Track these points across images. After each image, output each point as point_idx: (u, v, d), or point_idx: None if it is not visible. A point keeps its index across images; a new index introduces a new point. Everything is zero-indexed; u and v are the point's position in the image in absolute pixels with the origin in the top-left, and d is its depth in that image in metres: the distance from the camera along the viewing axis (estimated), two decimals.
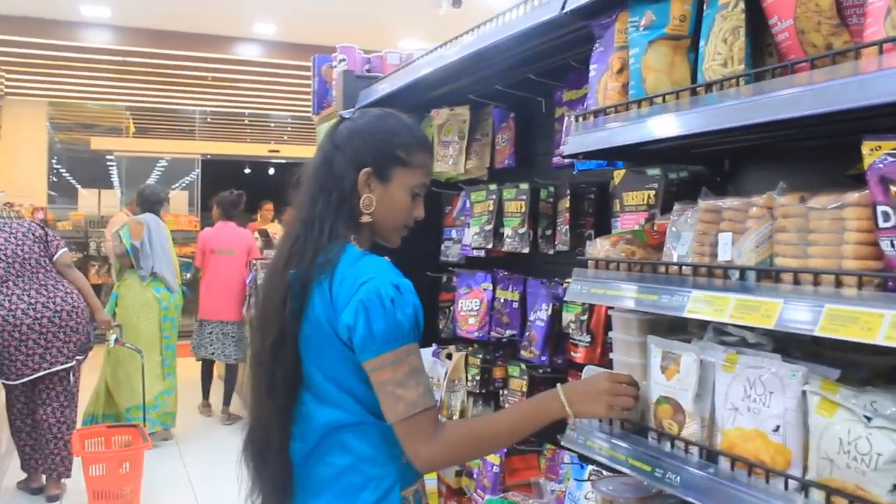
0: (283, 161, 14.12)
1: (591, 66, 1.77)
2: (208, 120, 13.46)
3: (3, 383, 4.36)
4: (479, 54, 2.35)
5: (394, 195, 1.57)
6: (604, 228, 2.39)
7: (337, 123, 1.61)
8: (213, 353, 6.32)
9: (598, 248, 1.71)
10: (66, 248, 4.71)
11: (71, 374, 4.53)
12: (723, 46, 1.37)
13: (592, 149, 1.67)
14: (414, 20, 7.46)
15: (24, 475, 4.67)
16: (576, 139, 1.71)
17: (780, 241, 1.29)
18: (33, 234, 4.52)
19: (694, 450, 1.44)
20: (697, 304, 1.37)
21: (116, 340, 4.94)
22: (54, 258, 4.57)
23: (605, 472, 2.29)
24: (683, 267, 1.48)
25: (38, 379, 4.38)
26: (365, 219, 1.55)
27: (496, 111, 2.95)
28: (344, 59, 3.36)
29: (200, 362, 6.53)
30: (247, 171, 14.46)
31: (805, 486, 1.22)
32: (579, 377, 2.48)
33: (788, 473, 1.25)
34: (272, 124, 14.37)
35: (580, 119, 1.72)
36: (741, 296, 1.30)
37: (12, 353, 4.26)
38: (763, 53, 1.41)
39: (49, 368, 4.36)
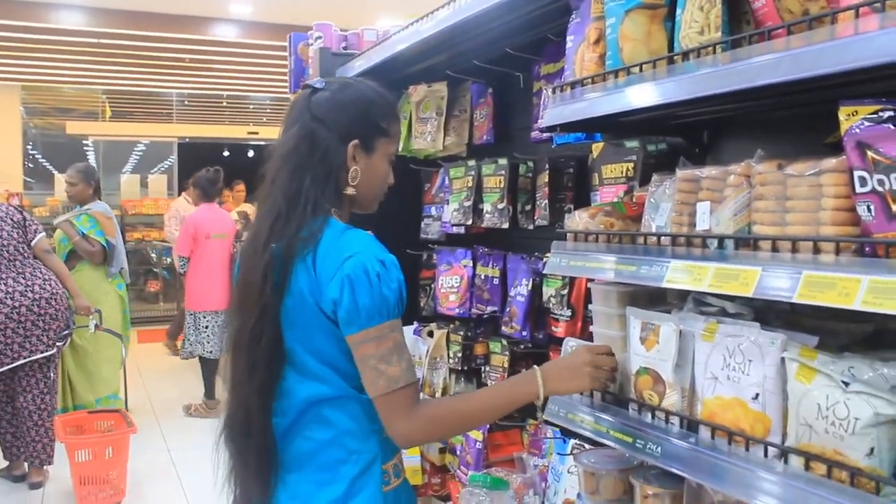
0: (263, 143, 14.02)
1: (568, 38, 1.75)
2: (185, 102, 13.31)
3: None
4: (456, 28, 2.32)
5: (377, 165, 1.58)
6: (583, 202, 2.38)
7: (309, 94, 1.57)
8: (211, 352, 5.84)
9: (577, 220, 1.70)
10: (43, 233, 4.64)
11: (51, 362, 4.48)
12: (699, 14, 1.36)
13: (570, 120, 1.65)
14: None
15: (5, 463, 4.64)
16: (553, 111, 1.70)
17: (757, 209, 1.29)
18: (11, 220, 4.45)
19: (674, 420, 1.44)
20: (676, 274, 1.37)
21: (97, 326, 4.88)
22: (32, 243, 4.51)
23: (587, 446, 2.30)
24: (662, 237, 1.47)
25: (17, 367, 4.33)
26: (350, 191, 1.55)
27: (474, 87, 2.93)
28: (320, 37, 3.32)
29: (197, 358, 6.02)
30: (225, 153, 14.35)
31: (784, 453, 1.23)
32: (559, 353, 2.50)
33: (768, 441, 1.26)
34: (251, 106, 14.24)
35: (557, 91, 1.70)
36: (720, 264, 1.30)
37: None
38: (740, 21, 1.40)
39: (28, 357, 4.31)
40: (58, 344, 4.49)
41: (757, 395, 1.28)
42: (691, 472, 1.35)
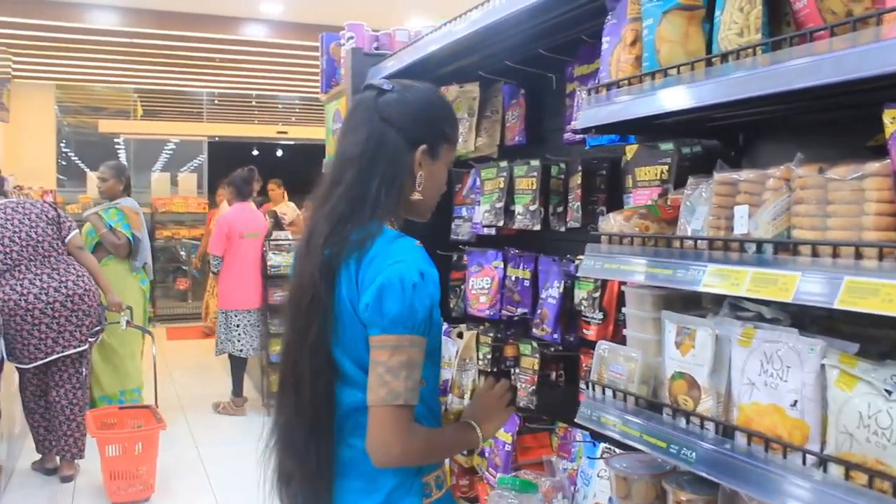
0: (292, 142, 14.12)
1: (604, 39, 1.74)
2: (216, 101, 13.44)
3: (16, 367, 4.39)
4: (489, 29, 2.32)
5: (439, 172, 1.58)
6: (616, 204, 2.36)
7: (376, 95, 1.55)
8: (241, 350, 5.92)
9: (612, 223, 1.69)
10: (77, 230, 4.72)
11: (83, 357, 4.55)
12: (739, 15, 1.34)
13: (605, 122, 1.64)
14: None
15: (38, 456, 4.72)
16: (588, 113, 1.69)
17: (797, 213, 1.27)
18: (46, 216, 4.52)
19: (709, 425, 1.43)
20: (713, 278, 1.35)
21: (128, 323, 4.94)
22: (66, 240, 4.58)
23: (617, 450, 2.29)
24: (698, 241, 1.46)
25: (50, 361, 4.40)
26: (416, 196, 1.53)
27: (506, 88, 2.92)
28: (352, 37, 3.33)
29: (227, 355, 6.08)
30: (255, 152, 14.46)
31: (823, 461, 1.21)
32: (590, 356, 2.49)
33: (806, 448, 1.24)
34: (280, 105, 14.34)
35: (592, 92, 1.69)
36: (758, 269, 1.28)
37: (25, 337, 4.28)
38: (780, 23, 1.38)
39: (62, 352, 4.39)
40: (90, 340, 4.56)
41: (795, 401, 1.26)
42: (727, 478, 1.33)
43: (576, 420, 1.76)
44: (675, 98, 1.46)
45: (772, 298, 1.24)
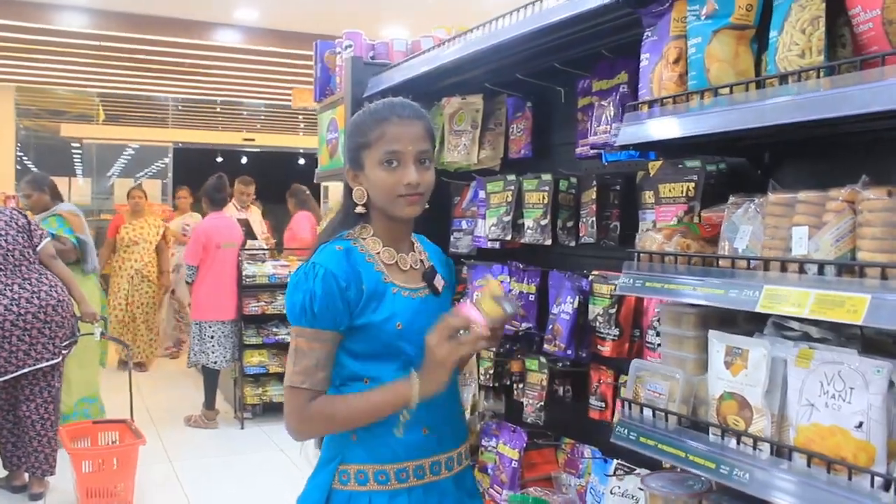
0: (258, 150, 13.95)
1: (643, 56, 1.73)
2: (180, 107, 13.21)
3: None
4: (504, 43, 2.31)
5: (370, 176, 1.68)
6: (630, 220, 2.37)
7: None
8: (215, 362, 5.79)
9: (652, 240, 1.68)
10: (49, 238, 4.56)
11: (55, 370, 4.39)
12: (801, 37, 1.34)
13: (647, 140, 1.63)
14: (399, 9, 7.37)
15: (5, 472, 4.54)
16: (628, 130, 1.68)
17: (863, 236, 1.27)
18: (16, 224, 4.36)
19: (763, 446, 1.42)
20: (772, 299, 1.35)
21: (102, 334, 4.80)
22: (38, 248, 4.42)
23: (637, 469, 2.27)
24: (753, 261, 1.45)
25: (21, 375, 4.23)
26: (359, 209, 1.72)
27: (510, 100, 2.91)
28: (350, 45, 3.29)
29: (199, 368, 5.98)
30: (219, 159, 14.25)
31: (892, 483, 1.21)
32: (601, 370, 2.48)
33: (873, 470, 1.23)
34: (244, 112, 14.16)
35: (633, 109, 1.68)
36: (821, 291, 1.28)
37: None
38: (835, 45, 1.39)
39: (34, 365, 4.22)
40: (63, 352, 4.40)
41: (861, 423, 1.26)
42: (789, 499, 1.32)
43: (612, 440, 1.74)
44: (727, 118, 1.45)
45: (839, 320, 1.24)
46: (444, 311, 1.70)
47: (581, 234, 2.46)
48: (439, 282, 1.79)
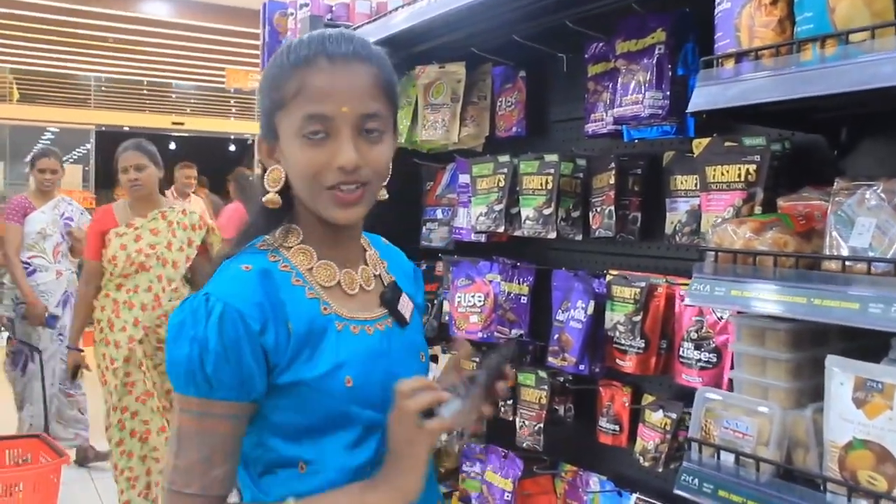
0: (187, 134, 13.22)
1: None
2: (103, 87, 12.38)
3: None
4: None
5: (286, 152, 1.11)
6: (653, 210, 1.99)
7: None
8: None
9: (732, 235, 1.29)
10: None
11: None
12: None
13: (733, 104, 1.24)
14: None
15: None
16: (705, 91, 1.28)
17: None
18: None
19: None
20: None
21: (9, 339, 4.24)
22: None
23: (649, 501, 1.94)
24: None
25: None
26: (273, 200, 1.13)
27: (497, 70, 2.50)
28: (306, 4, 2.82)
29: None
30: None
31: None
32: (612, 387, 2.10)
33: None
34: (173, 95, 13.42)
35: (711, 66, 1.29)
36: None
37: None
38: None
39: None
40: None
41: None
42: None
43: (675, 490, 1.35)
44: (865, 74, 1.06)
45: None
46: (414, 349, 1.23)
47: (594, 227, 2.07)
48: (406, 305, 1.23)
